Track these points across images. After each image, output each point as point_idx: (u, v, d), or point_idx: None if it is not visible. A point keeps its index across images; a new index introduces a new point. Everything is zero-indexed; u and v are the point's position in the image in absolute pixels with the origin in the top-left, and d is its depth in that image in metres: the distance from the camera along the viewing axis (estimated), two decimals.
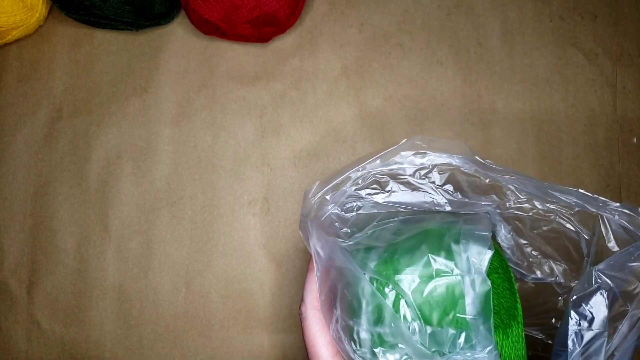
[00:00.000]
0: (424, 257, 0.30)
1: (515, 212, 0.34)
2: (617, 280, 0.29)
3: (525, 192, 0.33)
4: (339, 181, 0.33)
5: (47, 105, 0.46)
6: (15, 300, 0.45)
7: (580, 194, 0.31)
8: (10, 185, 0.45)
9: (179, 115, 0.46)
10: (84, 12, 0.43)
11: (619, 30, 0.46)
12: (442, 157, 0.33)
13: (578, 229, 0.34)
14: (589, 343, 0.29)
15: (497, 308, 0.31)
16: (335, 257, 0.31)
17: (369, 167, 0.33)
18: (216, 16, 0.41)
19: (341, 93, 0.46)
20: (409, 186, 0.34)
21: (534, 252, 0.35)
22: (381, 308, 0.29)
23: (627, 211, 0.30)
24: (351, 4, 0.46)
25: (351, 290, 0.30)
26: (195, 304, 0.44)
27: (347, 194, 0.34)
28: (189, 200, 0.45)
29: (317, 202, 0.34)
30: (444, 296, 0.30)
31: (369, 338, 0.30)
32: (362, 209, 0.35)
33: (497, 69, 0.46)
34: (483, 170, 0.32)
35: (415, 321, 0.30)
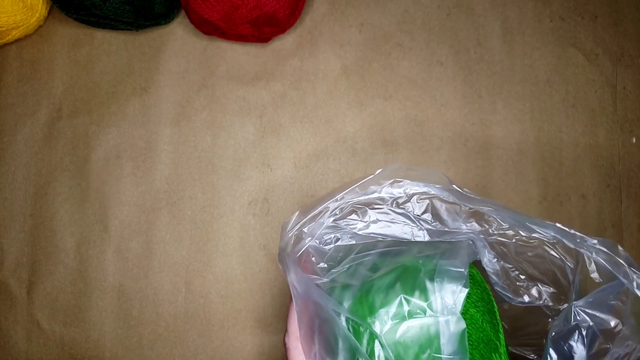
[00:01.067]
0: (397, 298, 0.30)
1: (499, 239, 0.34)
2: (597, 318, 0.29)
3: (507, 222, 0.33)
4: (317, 212, 0.33)
5: (47, 105, 0.46)
6: (15, 300, 0.45)
7: (558, 228, 0.30)
8: (10, 185, 0.45)
9: (179, 115, 0.46)
10: (84, 12, 0.43)
11: (619, 30, 0.46)
12: (420, 186, 0.32)
13: (562, 256, 0.33)
14: None
15: (476, 343, 0.31)
16: (311, 294, 0.31)
17: (347, 197, 0.33)
18: (216, 16, 0.41)
19: (341, 93, 0.46)
20: (387, 216, 0.34)
21: (520, 276, 0.35)
22: (355, 348, 0.29)
23: (604, 249, 0.29)
24: (351, 4, 0.46)
25: (327, 328, 0.30)
26: (195, 304, 0.44)
27: (324, 226, 0.34)
28: (189, 200, 0.45)
29: (294, 236, 0.33)
30: (418, 336, 0.30)
31: None
32: (340, 240, 0.34)
33: (497, 69, 0.46)
34: (460, 201, 0.32)
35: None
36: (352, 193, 0.33)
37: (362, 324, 0.30)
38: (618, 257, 0.29)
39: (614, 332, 0.29)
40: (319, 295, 0.31)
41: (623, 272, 0.29)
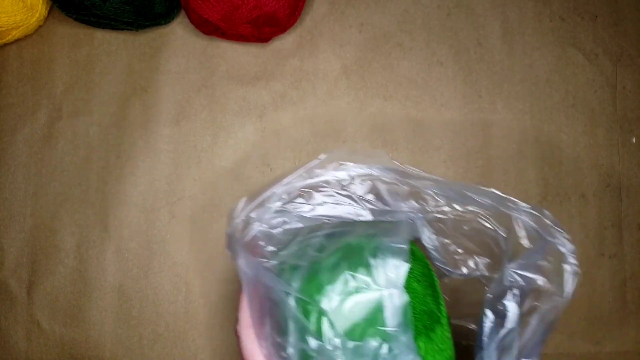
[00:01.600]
0: (343, 275, 0.31)
1: (437, 215, 0.35)
2: (527, 278, 0.31)
3: (444, 196, 0.35)
4: (264, 197, 0.34)
5: (47, 105, 0.46)
6: (15, 300, 0.45)
7: (494, 194, 0.32)
8: (10, 185, 0.45)
9: (179, 115, 0.46)
10: (84, 12, 0.43)
11: (619, 30, 0.46)
12: (362, 168, 0.34)
13: (495, 227, 0.35)
14: (503, 339, 0.31)
15: (419, 315, 0.33)
16: (261, 277, 0.32)
17: (294, 182, 0.34)
18: (216, 16, 0.41)
19: (341, 93, 0.46)
20: (332, 198, 0.35)
21: (458, 250, 0.37)
22: (304, 327, 0.30)
23: (534, 212, 0.31)
24: (351, 4, 0.46)
25: (277, 310, 0.31)
26: (195, 304, 0.44)
27: (272, 210, 0.35)
28: (189, 200, 0.45)
29: (242, 221, 0.34)
30: (364, 311, 0.31)
31: (296, 355, 0.31)
32: (288, 223, 0.35)
33: (497, 69, 0.46)
34: (402, 178, 0.34)
35: (337, 338, 0.30)
36: (298, 178, 0.34)
37: (311, 303, 0.31)
38: (546, 219, 0.31)
39: (542, 290, 0.31)
40: (268, 277, 0.31)
41: (550, 233, 0.31)
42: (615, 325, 0.44)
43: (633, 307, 0.45)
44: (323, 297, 0.31)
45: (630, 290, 0.45)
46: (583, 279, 0.44)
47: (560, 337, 0.44)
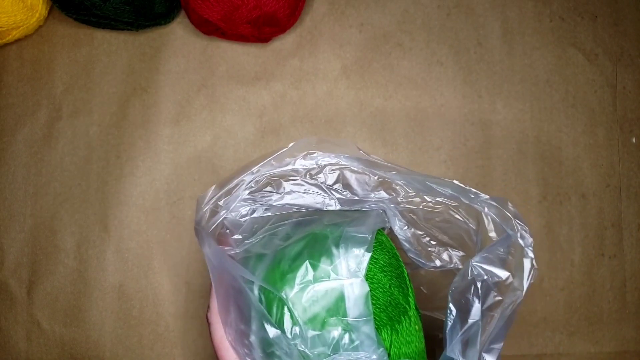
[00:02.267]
0: (304, 264, 0.31)
1: (408, 206, 0.35)
2: (490, 272, 0.31)
3: (412, 187, 0.35)
4: (232, 185, 0.34)
5: (47, 105, 0.46)
6: (15, 300, 0.45)
7: (455, 185, 0.32)
8: (10, 185, 0.45)
9: (179, 115, 0.46)
10: (84, 12, 0.43)
11: (619, 30, 0.46)
12: (330, 157, 0.34)
13: (465, 219, 0.35)
14: (466, 332, 0.31)
15: (384, 306, 0.32)
16: (225, 266, 0.32)
17: (262, 170, 0.34)
18: (216, 16, 0.41)
19: (341, 93, 0.46)
20: (300, 187, 0.35)
21: (431, 242, 0.37)
22: (266, 315, 0.30)
23: (494, 204, 0.31)
24: (351, 4, 0.46)
25: (240, 298, 0.31)
26: (195, 304, 0.44)
27: (240, 198, 0.34)
28: (189, 200, 0.45)
29: (209, 209, 0.34)
30: (325, 300, 0.31)
31: (258, 344, 0.31)
32: (256, 212, 0.35)
33: (497, 69, 0.46)
34: (367, 167, 0.33)
35: (296, 326, 0.30)
36: (267, 166, 0.34)
37: (273, 291, 0.31)
38: (507, 212, 0.31)
39: (505, 284, 0.31)
40: (232, 266, 0.31)
41: (511, 226, 0.31)
42: (615, 325, 0.44)
43: (633, 307, 0.45)
44: (285, 285, 0.31)
45: (630, 290, 0.45)
46: (583, 279, 0.44)
47: (560, 337, 0.44)
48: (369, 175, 0.35)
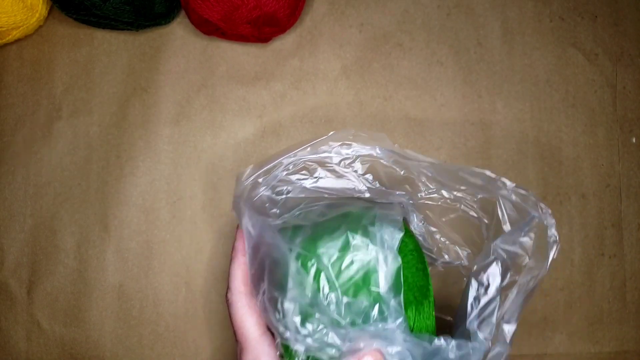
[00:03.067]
0: (343, 235, 0.34)
1: (426, 202, 0.39)
2: (510, 252, 0.34)
3: (436, 182, 0.38)
4: (271, 166, 0.36)
5: (47, 105, 0.46)
6: (16, 300, 0.45)
7: (486, 175, 0.35)
8: (9, 186, 0.45)
9: (179, 115, 0.46)
10: (84, 12, 0.43)
11: (619, 30, 0.46)
12: (365, 148, 0.36)
13: (480, 214, 0.38)
14: (485, 307, 0.34)
15: (411, 286, 0.34)
16: (264, 235, 0.34)
17: (300, 155, 0.37)
18: (216, 16, 0.41)
19: (341, 93, 0.46)
20: (334, 174, 0.38)
21: (442, 239, 0.40)
22: (303, 281, 0.33)
23: (522, 191, 0.35)
24: (351, 4, 0.46)
25: (278, 265, 0.33)
26: (195, 304, 0.44)
27: (278, 178, 0.37)
28: (189, 200, 0.45)
29: (250, 184, 0.36)
30: (360, 270, 0.33)
31: (291, 308, 0.32)
32: (291, 192, 0.38)
33: (497, 69, 0.46)
34: (402, 159, 0.36)
35: (333, 293, 0.32)
36: (304, 151, 0.36)
37: (311, 258, 0.33)
38: (532, 197, 0.34)
39: (521, 265, 0.34)
40: (272, 235, 0.33)
41: (535, 208, 0.34)
42: (615, 325, 0.44)
43: (633, 307, 0.45)
44: (323, 254, 0.33)
45: (630, 290, 0.45)
46: (583, 279, 0.44)
47: (560, 337, 0.44)
48: (397, 170, 0.37)
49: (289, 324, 0.32)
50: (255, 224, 0.34)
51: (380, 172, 0.38)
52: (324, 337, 0.32)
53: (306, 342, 0.32)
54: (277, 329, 0.32)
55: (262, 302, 0.33)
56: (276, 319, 0.33)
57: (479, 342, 0.33)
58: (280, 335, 0.33)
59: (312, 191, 0.38)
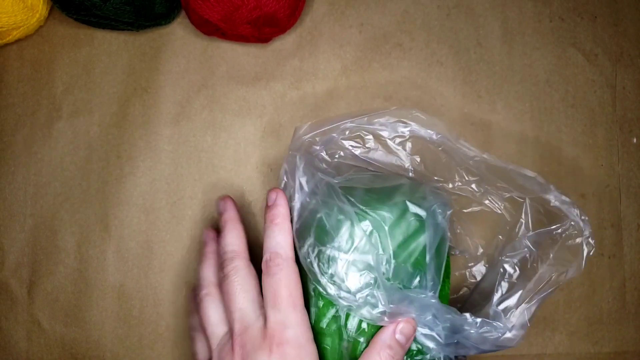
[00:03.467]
0: (401, 201, 0.35)
1: (456, 191, 0.41)
2: (538, 247, 0.38)
3: (474, 175, 0.40)
4: (329, 128, 0.38)
5: (47, 105, 0.46)
6: (16, 300, 0.45)
7: (535, 180, 0.38)
8: (10, 185, 0.46)
9: (179, 115, 0.46)
10: (84, 12, 0.43)
11: (619, 30, 0.46)
12: (422, 130, 0.38)
13: (503, 211, 0.41)
14: (509, 290, 0.37)
15: (447, 262, 0.37)
16: (318, 191, 0.35)
17: (358, 122, 0.38)
18: (216, 16, 0.41)
19: (341, 93, 0.46)
20: (386, 148, 0.40)
21: (458, 228, 0.43)
22: (355, 238, 0.34)
23: (565, 198, 0.38)
24: (351, 4, 0.46)
25: (331, 220, 0.34)
26: None
27: (334, 141, 0.38)
28: (189, 200, 0.45)
29: (307, 141, 0.38)
30: (411, 238, 0.35)
31: (338, 262, 0.34)
32: (342, 158, 0.39)
33: (497, 69, 0.46)
34: (454, 145, 0.38)
35: (385, 255, 0.34)
36: (362, 120, 0.38)
37: (367, 218, 0.34)
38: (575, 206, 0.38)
39: (543, 258, 0.38)
40: (331, 190, 0.35)
41: (575, 215, 0.37)
42: (615, 326, 0.44)
43: (632, 308, 0.45)
44: (381, 216, 0.34)
45: (630, 290, 0.45)
46: (582, 279, 0.45)
47: (560, 337, 0.44)
48: (442, 157, 0.40)
49: (336, 278, 0.33)
50: (310, 179, 0.36)
51: (427, 156, 0.40)
52: (369, 296, 0.33)
53: (349, 298, 0.33)
54: (320, 282, 0.34)
55: (306, 254, 0.34)
56: (320, 273, 0.34)
57: (501, 322, 0.35)
58: (323, 289, 0.34)
59: (361, 160, 0.40)
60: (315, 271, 0.34)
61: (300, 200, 0.36)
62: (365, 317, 0.34)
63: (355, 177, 0.38)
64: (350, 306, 0.33)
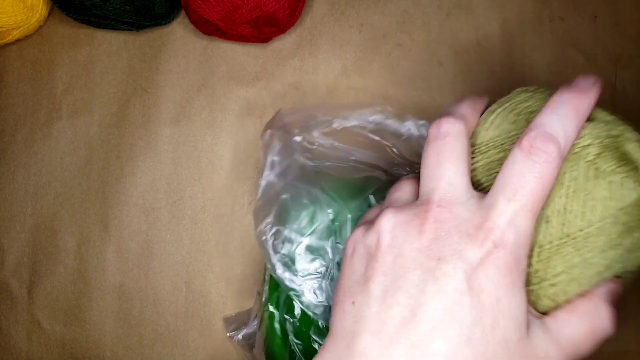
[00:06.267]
0: (369, 195, 0.35)
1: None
2: None
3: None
4: (309, 114, 0.39)
5: (47, 105, 0.46)
6: (16, 300, 0.45)
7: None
8: (10, 185, 0.46)
9: (179, 115, 0.46)
10: (84, 12, 0.43)
11: (619, 30, 0.46)
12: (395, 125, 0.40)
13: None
14: None
15: None
16: (290, 172, 0.35)
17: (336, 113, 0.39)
18: (216, 16, 0.41)
19: (341, 93, 0.46)
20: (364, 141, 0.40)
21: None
22: (314, 221, 0.33)
23: None
24: (351, 4, 0.46)
25: (295, 201, 0.34)
26: (195, 304, 0.44)
27: (313, 128, 0.39)
28: (189, 200, 0.45)
29: (287, 124, 0.38)
30: None
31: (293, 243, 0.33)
32: (321, 146, 0.39)
33: (497, 69, 0.46)
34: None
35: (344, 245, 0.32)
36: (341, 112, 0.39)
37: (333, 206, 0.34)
38: None
39: None
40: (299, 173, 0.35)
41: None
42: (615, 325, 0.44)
43: (632, 307, 0.45)
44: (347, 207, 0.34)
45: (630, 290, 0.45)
46: None
47: None
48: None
49: (287, 259, 0.33)
50: (284, 160, 0.36)
51: (402, 149, 0.40)
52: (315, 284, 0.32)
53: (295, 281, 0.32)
54: (271, 261, 0.33)
55: (262, 232, 0.34)
56: (274, 252, 0.33)
57: None
58: (272, 268, 0.33)
59: (339, 151, 0.39)
60: (268, 249, 0.33)
61: (268, 178, 0.36)
62: (307, 305, 0.33)
63: (331, 165, 0.37)
64: (294, 290, 0.33)
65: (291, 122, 0.39)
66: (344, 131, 0.40)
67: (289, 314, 0.34)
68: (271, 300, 0.35)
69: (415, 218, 0.26)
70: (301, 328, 0.34)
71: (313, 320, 0.34)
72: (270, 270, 0.34)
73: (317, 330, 0.34)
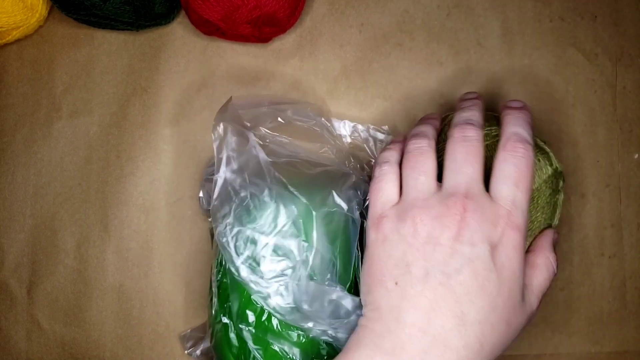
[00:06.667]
0: (329, 190, 0.34)
1: None
2: None
3: None
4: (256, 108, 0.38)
5: (47, 105, 0.46)
6: (16, 300, 0.45)
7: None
8: (10, 185, 0.45)
9: (179, 115, 0.46)
10: (84, 12, 0.43)
11: (619, 30, 0.46)
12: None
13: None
14: None
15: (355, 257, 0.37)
16: (248, 168, 0.34)
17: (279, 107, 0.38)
18: (216, 16, 0.41)
19: (341, 93, 0.46)
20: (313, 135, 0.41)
21: None
22: (278, 220, 0.32)
23: None
24: (351, 4, 0.46)
25: (256, 200, 0.33)
26: (195, 304, 0.44)
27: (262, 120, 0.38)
28: (189, 200, 0.45)
29: (238, 115, 0.37)
30: (333, 230, 0.34)
31: (257, 244, 0.32)
32: (274, 143, 0.39)
33: (497, 69, 0.46)
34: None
35: (309, 242, 0.33)
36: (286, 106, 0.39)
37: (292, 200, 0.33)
38: None
39: None
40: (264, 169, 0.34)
41: None
42: (615, 325, 0.44)
43: (633, 307, 0.45)
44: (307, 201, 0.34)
45: (630, 290, 0.45)
46: (583, 279, 0.44)
47: (560, 337, 0.44)
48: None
49: (252, 261, 0.32)
50: (240, 155, 0.34)
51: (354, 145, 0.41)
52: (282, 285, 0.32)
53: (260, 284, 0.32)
54: (234, 264, 0.32)
55: (222, 233, 0.33)
56: (236, 254, 0.32)
57: None
58: (236, 271, 0.32)
59: (293, 145, 0.39)
60: (230, 251, 0.32)
61: (225, 175, 0.34)
62: (274, 307, 0.32)
63: (288, 160, 0.36)
64: (260, 293, 0.32)
65: (242, 114, 0.37)
66: (289, 126, 0.40)
67: (244, 322, 0.33)
68: (223, 312, 0.34)
69: (448, 209, 0.31)
70: (257, 335, 0.33)
71: (269, 325, 0.33)
72: (233, 272, 0.32)
73: (273, 333, 0.33)
